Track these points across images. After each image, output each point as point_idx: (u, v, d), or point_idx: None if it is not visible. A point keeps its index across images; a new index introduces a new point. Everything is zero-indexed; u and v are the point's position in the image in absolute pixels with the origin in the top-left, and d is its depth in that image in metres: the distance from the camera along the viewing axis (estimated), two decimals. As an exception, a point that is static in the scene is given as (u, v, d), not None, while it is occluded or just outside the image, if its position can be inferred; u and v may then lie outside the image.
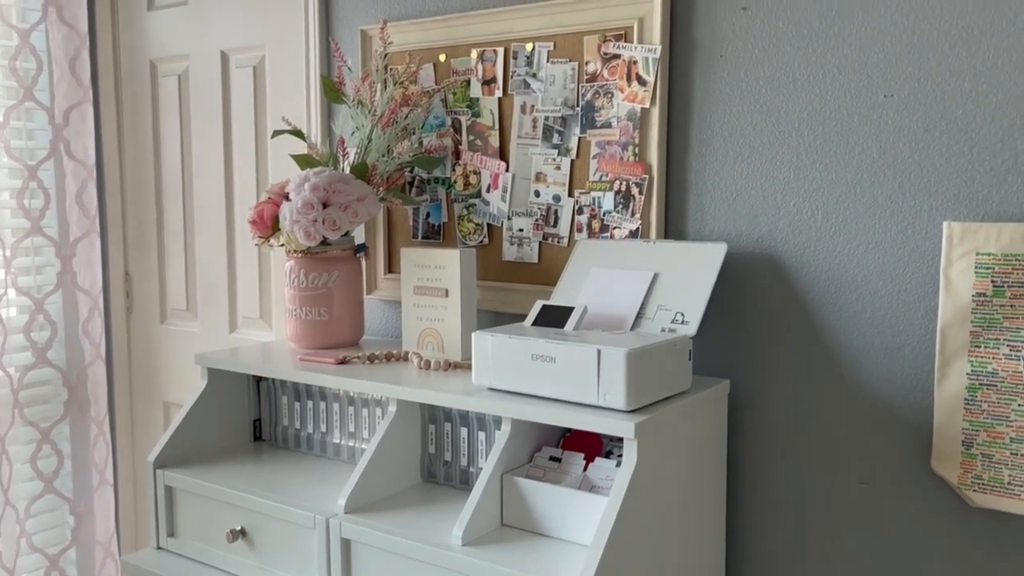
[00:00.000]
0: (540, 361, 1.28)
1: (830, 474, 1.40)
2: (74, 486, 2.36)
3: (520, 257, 1.68)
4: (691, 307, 1.38)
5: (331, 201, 1.64)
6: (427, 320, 1.63)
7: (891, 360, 1.33)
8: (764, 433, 1.46)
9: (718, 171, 1.46)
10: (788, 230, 1.41)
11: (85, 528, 2.37)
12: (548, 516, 1.28)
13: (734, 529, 1.50)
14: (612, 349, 1.20)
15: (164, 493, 1.60)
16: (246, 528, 1.48)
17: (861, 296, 1.35)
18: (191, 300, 2.29)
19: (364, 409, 1.61)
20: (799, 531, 1.44)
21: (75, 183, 2.28)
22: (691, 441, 1.33)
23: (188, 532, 1.58)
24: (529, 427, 1.36)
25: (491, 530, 1.29)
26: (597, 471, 1.32)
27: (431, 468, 1.51)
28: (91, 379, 2.34)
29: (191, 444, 1.67)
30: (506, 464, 1.32)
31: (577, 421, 1.22)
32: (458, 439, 1.48)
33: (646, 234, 1.52)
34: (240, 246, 2.16)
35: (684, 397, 1.31)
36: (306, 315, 1.71)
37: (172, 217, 2.29)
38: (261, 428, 1.79)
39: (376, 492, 1.42)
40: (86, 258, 2.31)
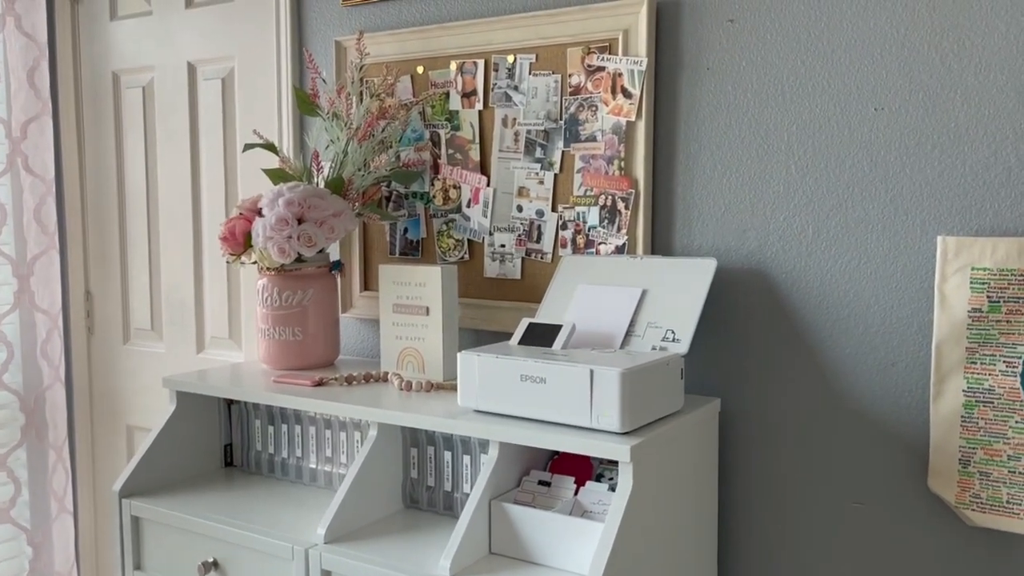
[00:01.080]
0: (529, 382, 1.23)
1: (823, 494, 1.38)
2: (31, 515, 2.25)
3: (502, 273, 1.64)
4: (682, 324, 1.34)
5: (306, 217, 1.58)
6: (407, 339, 1.58)
7: (884, 377, 1.31)
8: (755, 452, 1.43)
9: (706, 185, 1.43)
10: (778, 245, 1.38)
11: (43, 559, 2.26)
12: (539, 543, 1.23)
13: (726, 552, 1.46)
14: (606, 369, 1.16)
15: (130, 523, 1.52)
16: (219, 560, 1.41)
17: (853, 312, 1.33)
18: (156, 320, 2.21)
19: (342, 432, 1.54)
20: (792, 553, 1.41)
21: (33, 199, 2.19)
22: (683, 462, 1.29)
23: (156, 565, 1.50)
24: (516, 450, 1.31)
25: (479, 559, 1.24)
26: (589, 495, 1.27)
27: (413, 494, 1.46)
28: (49, 403, 2.24)
29: (159, 471, 1.59)
30: (493, 489, 1.27)
31: (569, 444, 1.18)
32: (442, 463, 1.42)
33: (632, 250, 1.49)
34: (208, 264, 2.08)
35: (677, 417, 1.28)
36: (279, 335, 1.64)
37: (136, 234, 2.21)
38: (233, 453, 1.72)
39: (357, 520, 1.36)
40: (44, 276, 2.22)
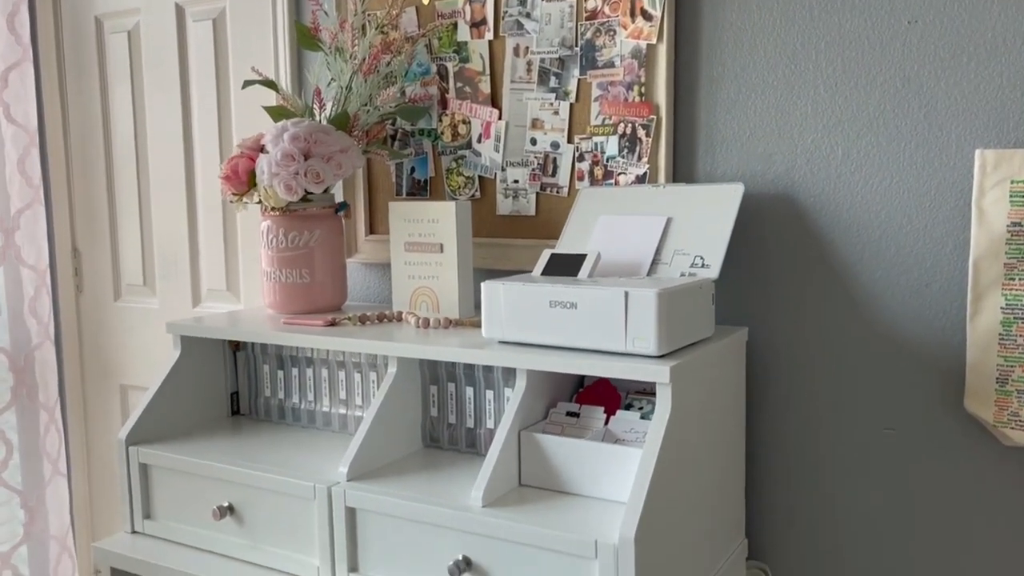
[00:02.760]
0: (559, 308, 1.19)
1: (853, 421, 1.35)
2: (24, 478, 2.18)
3: (516, 210, 1.59)
4: (710, 250, 1.31)
5: (312, 152, 1.52)
6: (420, 279, 1.53)
7: (918, 299, 1.29)
8: (784, 381, 1.40)
9: (730, 109, 1.39)
10: (806, 168, 1.35)
11: (38, 523, 2.20)
12: (572, 473, 1.19)
13: (754, 480, 1.44)
14: (641, 290, 1.12)
15: (138, 472, 1.47)
16: (234, 504, 1.36)
17: (885, 234, 1.30)
18: (148, 274, 2.14)
19: (356, 374, 1.50)
20: (822, 480, 1.39)
21: (16, 150, 2.10)
22: (714, 390, 1.26)
23: (167, 513, 1.45)
24: (543, 382, 1.27)
25: (509, 490, 1.20)
26: (620, 424, 1.24)
27: (433, 432, 1.41)
28: (39, 362, 2.17)
29: (164, 420, 1.53)
30: (521, 422, 1.23)
31: (604, 369, 1.14)
32: (463, 400, 1.38)
33: (654, 179, 1.44)
34: (202, 213, 2.01)
35: (707, 344, 1.24)
36: (286, 278, 1.59)
37: (124, 185, 2.13)
38: (239, 401, 1.66)
39: (378, 459, 1.31)
40: (30, 232, 2.13)
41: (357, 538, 1.24)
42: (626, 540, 1.01)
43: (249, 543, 1.35)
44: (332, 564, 1.26)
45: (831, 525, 1.39)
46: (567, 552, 1.06)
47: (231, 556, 1.37)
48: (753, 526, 1.45)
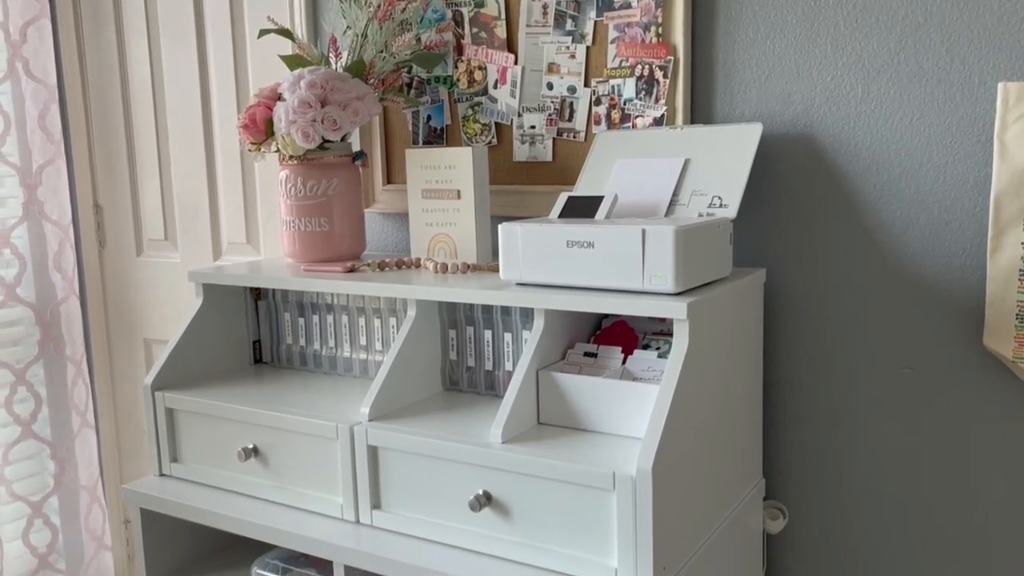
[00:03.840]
0: (576, 247, 1.20)
1: (872, 361, 1.36)
2: (53, 430, 2.23)
3: (533, 156, 1.59)
4: (728, 190, 1.30)
5: (329, 99, 1.52)
6: (437, 225, 1.54)
7: (937, 237, 1.28)
8: (802, 322, 1.40)
9: (748, 49, 1.38)
10: (825, 107, 1.34)
11: (68, 473, 2.25)
12: (590, 411, 1.21)
13: (772, 421, 1.45)
14: (659, 227, 1.12)
15: (165, 416, 1.50)
16: (259, 446, 1.39)
17: (905, 172, 1.29)
18: (169, 229, 2.16)
19: (376, 319, 1.51)
20: (839, 421, 1.40)
21: (36, 106, 2.11)
22: (731, 331, 1.27)
23: (193, 456, 1.48)
24: (562, 323, 1.28)
25: (528, 428, 1.22)
26: (638, 363, 1.25)
27: (453, 375, 1.43)
28: (65, 317, 2.21)
29: (188, 368, 1.56)
30: (539, 361, 1.24)
31: (621, 307, 1.15)
32: (482, 343, 1.40)
33: (672, 121, 1.44)
34: (221, 166, 2.03)
35: (725, 283, 1.24)
36: (305, 226, 1.60)
37: (143, 140, 2.14)
38: (261, 350, 1.69)
39: (398, 400, 1.33)
40: (53, 187, 2.16)
41: (379, 476, 1.27)
42: (643, 472, 1.03)
43: (274, 483, 1.38)
44: (355, 502, 1.29)
45: (848, 465, 1.40)
46: (585, 484, 1.08)
47: (256, 496, 1.40)
48: (770, 466, 1.46)
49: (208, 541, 1.61)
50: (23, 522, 2.19)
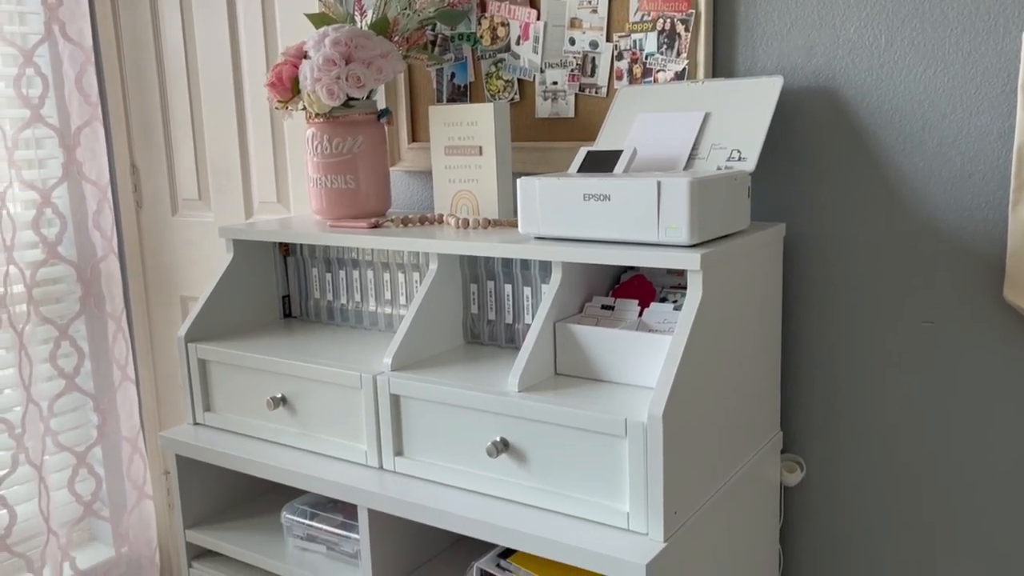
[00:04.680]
0: (593, 201, 1.21)
1: (891, 315, 1.36)
2: (95, 383, 2.32)
3: (555, 112, 1.60)
4: (747, 143, 1.30)
5: (353, 57, 1.54)
6: (460, 182, 1.56)
7: (959, 189, 1.27)
8: (822, 276, 1.40)
9: (770, 1, 1.37)
10: (847, 59, 1.32)
11: (110, 425, 2.34)
12: (605, 362, 1.23)
13: (790, 374, 1.46)
14: (673, 180, 1.13)
15: (198, 367, 1.55)
16: (287, 395, 1.44)
17: (927, 124, 1.28)
18: (203, 188, 2.21)
19: (400, 274, 1.55)
20: (858, 376, 1.40)
21: (73, 68, 2.16)
22: (748, 284, 1.27)
23: (225, 405, 1.54)
24: (579, 276, 1.30)
25: (545, 378, 1.25)
26: (654, 315, 1.27)
27: (474, 328, 1.46)
28: (105, 275, 2.28)
29: (220, 320, 1.61)
30: (557, 314, 1.26)
31: (635, 259, 1.16)
32: (502, 296, 1.42)
33: (693, 75, 1.43)
34: (252, 126, 2.06)
35: (742, 236, 1.25)
36: (331, 183, 1.63)
37: (177, 100, 2.19)
38: (291, 304, 1.73)
39: (420, 352, 1.37)
40: (91, 148, 2.21)
41: (401, 424, 1.31)
42: (654, 418, 1.05)
43: (301, 431, 1.43)
44: (379, 448, 1.33)
45: (867, 420, 1.40)
46: (598, 431, 1.11)
47: (285, 444, 1.46)
48: (789, 420, 1.47)
49: (240, 488, 1.67)
50: (69, 471, 2.28)
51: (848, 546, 1.46)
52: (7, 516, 2.15)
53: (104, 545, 2.42)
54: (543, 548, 1.11)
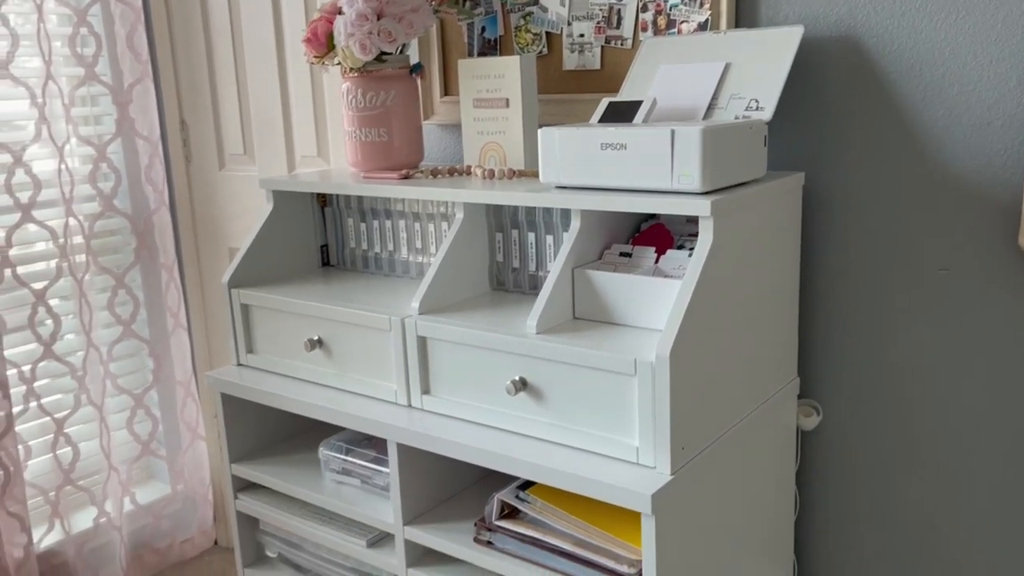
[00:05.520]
0: (610, 150, 1.25)
1: (907, 263, 1.37)
2: (150, 330, 2.44)
3: (582, 64, 1.62)
4: (766, 93, 1.32)
5: (385, 12, 1.59)
6: (488, 134, 1.61)
7: (979, 137, 1.27)
8: (840, 224, 1.42)
9: (793, -51, 1.37)
10: (869, 7, 1.32)
11: (164, 369, 2.47)
12: (621, 306, 1.28)
13: (808, 321, 1.49)
14: (686, 128, 1.16)
15: (240, 311, 1.64)
16: (323, 338, 1.52)
17: (948, 71, 1.28)
18: (248, 143, 2.29)
19: (430, 224, 1.61)
20: (875, 323, 1.42)
21: (124, 27, 2.25)
22: (765, 232, 1.30)
23: (266, 348, 1.63)
24: (599, 224, 1.34)
25: (563, 322, 1.30)
26: (669, 262, 1.30)
27: (499, 276, 1.52)
28: (157, 227, 2.39)
29: (261, 268, 1.70)
30: (576, 260, 1.31)
31: (650, 205, 1.20)
32: (526, 244, 1.47)
33: (716, 25, 1.45)
34: (293, 82, 2.13)
35: (758, 184, 1.28)
36: (365, 136, 1.69)
37: (222, 57, 2.26)
38: (329, 254, 1.81)
39: (447, 297, 1.43)
40: (142, 104, 2.31)
41: (428, 364, 1.38)
42: (661, 358, 1.10)
43: (336, 371, 1.51)
44: (407, 387, 1.40)
45: (884, 366, 1.43)
46: (609, 370, 1.16)
47: (321, 383, 1.54)
48: (806, 365, 1.51)
49: (281, 426, 1.77)
50: (127, 413, 2.42)
51: (864, 490, 1.49)
52: (71, 453, 2.30)
53: (161, 482, 2.57)
54: (558, 479, 1.18)
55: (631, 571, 1.16)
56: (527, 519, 1.30)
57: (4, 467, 2.09)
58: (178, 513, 2.54)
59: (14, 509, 2.12)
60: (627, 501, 1.11)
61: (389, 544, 1.48)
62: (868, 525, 1.50)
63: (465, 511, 1.44)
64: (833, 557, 1.55)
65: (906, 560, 1.47)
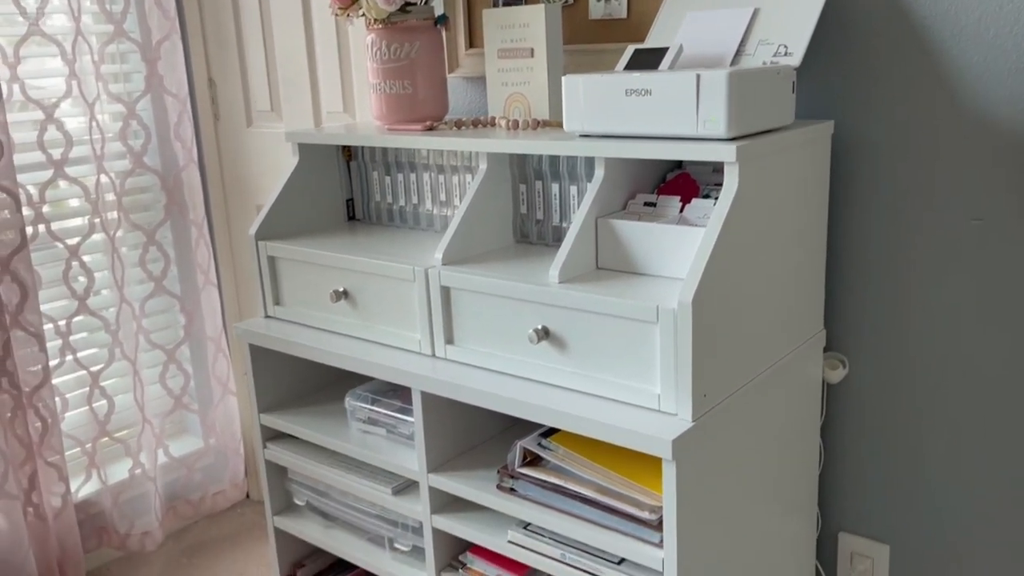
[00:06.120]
0: (635, 96, 1.23)
1: (939, 213, 1.35)
2: (181, 286, 2.48)
3: (608, 14, 1.60)
4: (795, 38, 1.29)
5: (409, -38, 1.57)
6: (513, 85, 1.59)
7: (1015, 82, 1.24)
8: (870, 175, 1.40)
9: None
10: (904, -51, 1.29)
11: (195, 325, 2.51)
12: (645, 255, 1.27)
13: (836, 273, 1.47)
14: (712, 73, 1.15)
15: (267, 263, 1.66)
16: (348, 289, 1.53)
17: (984, 15, 1.24)
18: (275, 100, 2.30)
19: (454, 176, 1.60)
20: (905, 275, 1.40)
21: (151, -17, 2.26)
22: (792, 180, 1.28)
23: (292, 299, 1.65)
24: (623, 173, 1.33)
25: (586, 272, 1.30)
26: (694, 210, 1.29)
27: (523, 228, 1.51)
28: (187, 184, 2.41)
29: (288, 221, 1.71)
30: (600, 210, 1.30)
31: (675, 152, 1.19)
32: (550, 196, 1.47)
33: (744, -30, 1.42)
34: (319, 38, 2.12)
35: (786, 131, 1.26)
36: (390, 88, 1.68)
37: (249, 12, 2.26)
38: (354, 208, 1.82)
39: (471, 248, 1.43)
40: (170, 61, 2.32)
41: (452, 314, 1.38)
42: (683, 305, 1.09)
43: (361, 322, 1.53)
44: (431, 337, 1.41)
45: (913, 320, 1.41)
46: (632, 318, 1.16)
47: (347, 334, 1.56)
48: (833, 318, 1.49)
49: (309, 378, 1.79)
50: (160, 368, 2.47)
51: (890, 444, 1.48)
52: (107, 405, 2.35)
53: (194, 436, 2.63)
54: (579, 426, 1.18)
55: (652, 517, 1.17)
56: (549, 466, 1.31)
57: (42, 418, 2.14)
58: (210, 467, 2.59)
59: (52, 459, 2.18)
60: (648, 447, 1.11)
61: (414, 491, 1.50)
62: (893, 479, 1.49)
63: (488, 459, 1.45)
64: (858, 511, 1.54)
65: (931, 514, 1.46)
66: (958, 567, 1.45)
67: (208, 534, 2.55)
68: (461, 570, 1.46)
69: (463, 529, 1.41)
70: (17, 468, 2.09)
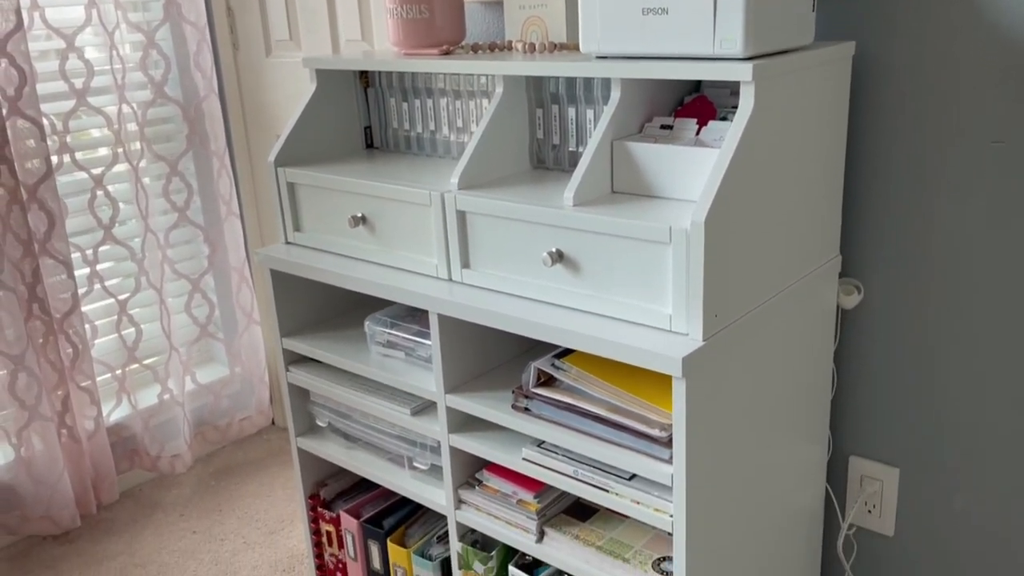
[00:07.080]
0: (652, 15, 1.22)
1: (959, 136, 1.33)
2: (204, 217, 2.51)
3: (627, -67, 1.57)
4: (816, -45, 1.26)
5: None
6: (530, 8, 1.57)
7: (1043, -1, 1.21)
8: (890, 97, 1.38)
9: None
10: None
11: (219, 255, 2.54)
12: (660, 177, 1.27)
13: (853, 198, 1.46)
14: (729, -11, 1.13)
15: (287, 189, 1.68)
16: (366, 215, 1.55)
17: (1014, -72, 1.21)
18: (293, 29, 2.28)
19: (471, 101, 1.60)
20: (924, 200, 1.39)
21: (167, -91, 2.23)
22: (810, 102, 1.27)
23: (311, 226, 1.67)
24: (639, 95, 1.32)
25: (601, 194, 1.30)
26: (710, 132, 1.29)
27: (540, 154, 1.51)
28: (208, 114, 2.42)
29: (307, 148, 1.72)
30: (615, 132, 1.30)
31: (691, 71, 1.18)
32: (566, 120, 1.46)
33: None
34: (336, -37, 2.10)
35: (804, 52, 1.24)
36: (407, 13, 1.67)
37: (266, -60, 2.24)
38: (372, 136, 1.82)
39: (487, 173, 1.44)
40: (188, -11, 2.31)
41: (468, 238, 1.40)
42: (696, 225, 1.10)
43: (379, 247, 1.55)
44: (448, 261, 1.43)
45: (930, 246, 1.41)
46: (644, 239, 1.16)
47: (365, 259, 1.58)
48: (849, 243, 1.49)
49: (329, 303, 1.82)
50: (185, 297, 2.52)
51: (904, 371, 1.49)
52: (135, 333, 2.41)
53: (220, 364, 2.69)
54: (592, 345, 1.20)
55: (662, 434, 1.20)
56: (563, 386, 1.34)
57: (73, 344, 2.21)
58: (237, 394, 2.66)
59: (84, 384, 2.25)
60: (658, 365, 1.13)
61: (432, 412, 1.54)
62: (904, 405, 1.50)
63: (504, 381, 1.48)
64: (868, 435, 1.56)
65: (941, 439, 1.48)
66: (967, 491, 1.47)
67: (235, 458, 2.63)
68: (478, 487, 1.50)
69: (479, 448, 1.44)
70: (50, 391, 2.16)
